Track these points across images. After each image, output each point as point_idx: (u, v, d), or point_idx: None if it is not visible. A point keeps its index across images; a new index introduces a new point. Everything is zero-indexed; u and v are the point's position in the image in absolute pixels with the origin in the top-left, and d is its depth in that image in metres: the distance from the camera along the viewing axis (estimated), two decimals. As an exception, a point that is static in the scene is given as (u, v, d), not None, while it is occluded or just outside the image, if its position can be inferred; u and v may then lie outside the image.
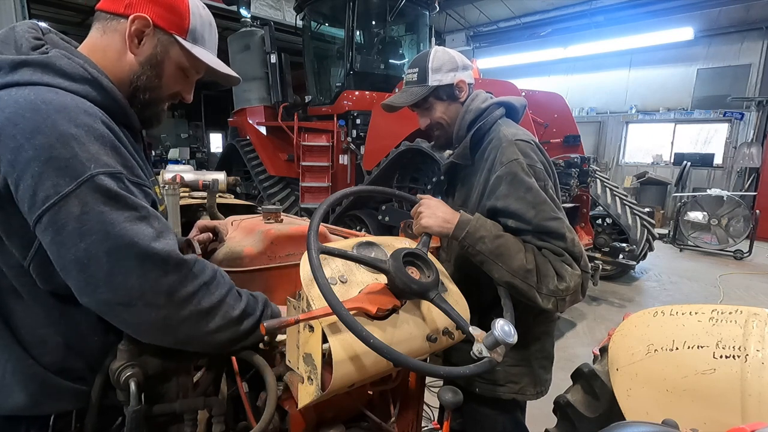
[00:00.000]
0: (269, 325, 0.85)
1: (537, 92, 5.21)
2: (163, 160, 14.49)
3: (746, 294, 5.58)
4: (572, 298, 1.19)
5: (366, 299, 0.95)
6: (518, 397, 1.42)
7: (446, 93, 1.38)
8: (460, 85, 1.38)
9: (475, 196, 1.34)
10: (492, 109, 1.38)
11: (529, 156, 1.25)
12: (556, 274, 1.16)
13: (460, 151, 1.39)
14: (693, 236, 7.92)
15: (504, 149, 1.25)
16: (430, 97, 1.38)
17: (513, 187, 1.20)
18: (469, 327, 0.98)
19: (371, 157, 4.98)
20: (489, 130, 1.36)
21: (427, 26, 6.09)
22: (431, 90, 1.36)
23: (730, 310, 1.14)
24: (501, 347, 0.93)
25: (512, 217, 1.21)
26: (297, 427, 1.09)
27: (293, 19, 6.56)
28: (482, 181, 1.31)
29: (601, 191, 5.64)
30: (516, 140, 1.26)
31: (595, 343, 3.84)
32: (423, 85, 1.37)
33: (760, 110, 9.38)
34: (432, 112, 1.41)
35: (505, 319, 0.98)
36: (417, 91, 1.38)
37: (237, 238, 1.35)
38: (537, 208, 1.18)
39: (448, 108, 1.40)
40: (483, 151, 1.35)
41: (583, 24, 10.28)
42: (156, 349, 0.90)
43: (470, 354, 0.96)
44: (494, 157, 1.27)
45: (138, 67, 0.95)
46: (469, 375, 0.91)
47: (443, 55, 1.37)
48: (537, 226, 1.18)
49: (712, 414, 1.03)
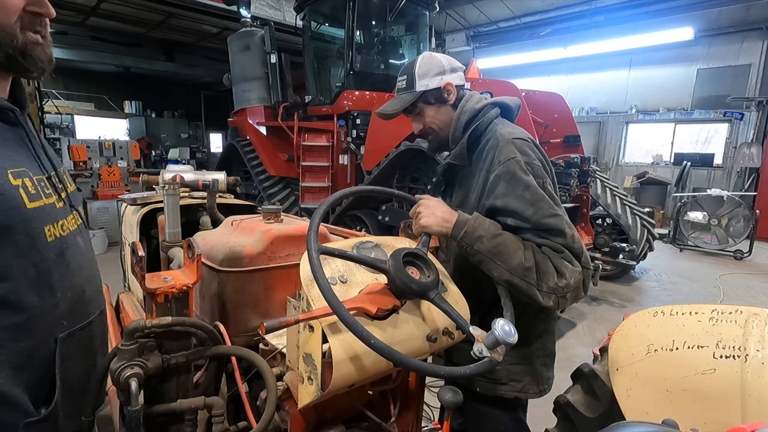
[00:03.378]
0: (269, 325, 0.85)
1: (537, 92, 5.21)
2: (163, 160, 14.49)
3: (746, 294, 5.58)
4: (573, 295, 1.19)
5: (366, 299, 0.95)
6: (520, 396, 1.42)
7: (434, 97, 1.40)
8: (448, 88, 1.39)
9: (474, 196, 1.34)
10: (487, 109, 1.39)
11: (527, 154, 1.25)
12: (556, 271, 1.16)
13: (457, 152, 1.40)
14: (693, 236, 7.91)
15: (501, 148, 1.26)
16: (419, 102, 1.41)
17: (511, 185, 1.21)
18: (470, 327, 0.98)
19: (371, 157, 4.98)
20: (485, 130, 1.36)
21: (427, 26, 6.09)
22: (419, 95, 1.39)
23: (730, 310, 1.13)
24: (501, 347, 0.93)
25: (511, 216, 1.21)
26: (297, 427, 1.09)
27: (293, 19, 6.55)
28: (481, 182, 1.31)
29: (601, 191, 5.64)
30: (513, 138, 1.27)
31: (595, 343, 3.84)
32: (411, 91, 1.40)
33: (760, 110, 9.38)
34: (423, 116, 1.44)
35: (505, 318, 0.98)
36: (406, 97, 1.41)
37: (237, 238, 1.35)
38: (536, 205, 1.18)
39: (437, 111, 1.42)
40: (480, 151, 1.35)
41: (583, 24, 10.27)
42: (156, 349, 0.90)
43: (470, 354, 0.96)
44: (492, 157, 1.28)
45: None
46: (470, 375, 0.91)
47: (429, 60, 1.40)
48: (536, 224, 1.18)
49: (712, 414, 1.03)
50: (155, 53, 13.52)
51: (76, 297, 0.93)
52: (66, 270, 0.91)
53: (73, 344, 0.92)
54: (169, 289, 0.97)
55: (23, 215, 0.82)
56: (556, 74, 12.10)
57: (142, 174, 2.24)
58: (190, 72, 14.53)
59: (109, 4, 9.57)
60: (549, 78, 12.17)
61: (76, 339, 0.93)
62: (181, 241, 1.56)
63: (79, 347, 0.95)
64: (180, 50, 13.66)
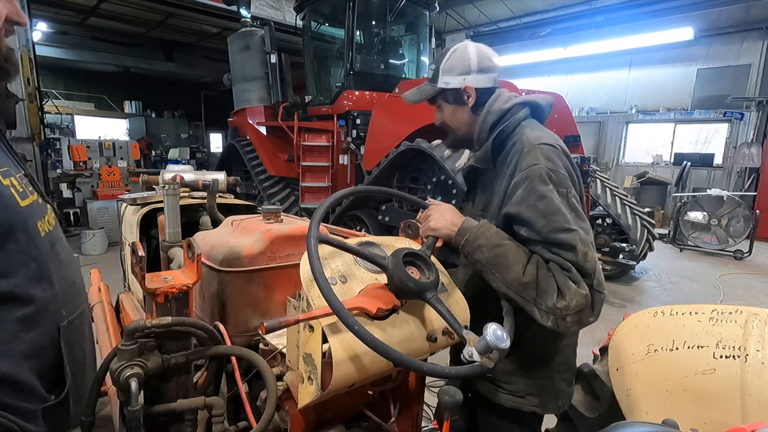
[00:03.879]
0: (269, 325, 0.85)
1: (537, 92, 5.20)
2: (163, 160, 14.49)
3: (746, 294, 5.58)
4: (576, 318, 1.08)
5: (366, 299, 0.95)
6: (537, 411, 1.34)
7: (453, 97, 1.35)
8: (467, 91, 1.32)
9: (496, 202, 1.27)
10: (516, 110, 1.30)
11: (552, 161, 1.16)
12: (558, 290, 1.07)
13: (481, 155, 1.32)
14: (693, 236, 7.91)
15: (526, 153, 1.18)
16: (438, 98, 1.37)
17: (527, 193, 1.13)
18: (463, 330, 0.96)
19: (371, 157, 4.98)
20: (512, 132, 1.28)
21: (427, 26, 6.10)
22: (438, 92, 1.35)
23: (730, 310, 1.14)
24: (495, 353, 0.90)
25: (524, 225, 1.15)
26: (297, 427, 1.09)
27: (293, 19, 6.56)
28: (503, 187, 1.23)
29: (601, 191, 5.64)
30: (540, 144, 1.18)
31: (595, 343, 3.82)
32: (433, 84, 1.35)
33: (760, 110, 9.38)
34: (442, 112, 1.40)
35: (498, 324, 0.94)
36: (427, 89, 1.37)
37: (237, 238, 1.35)
38: (548, 217, 1.10)
39: (455, 111, 1.37)
40: (506, 155, 1.27)
41: (583, 24, 10.27)
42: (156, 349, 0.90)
43: (461, 357, 0.93)
44: (516, 161, 1.20)
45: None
46: (456, 376, 0.89)
47: (460, 55, 1.32)
48: (545, 237, 1.10)
49: (712, 414, 1.03)
50: (155, 53, 13.54)
51: (68, 288, 0.98)
52: (59, 262, 0.96)
53: (72, 332, 0.97)
54: (169, 289, 0.97)
55: (19, 213, 0.85)
56: (556, 74, 12.10)
57: (142, 174, 2.24)
58: (190, 72, 14.54)
59: (109, 4, 9.58)
60: (549, 78, 12.17)
61: (74, 327, 0.98)
62: (181, 241, 1.56)
63: (77, 335, 1.00)
64: (180, 50, 13.67)
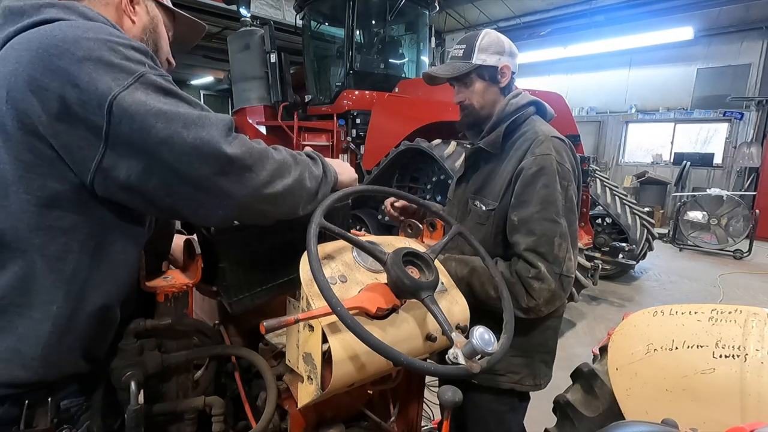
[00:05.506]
0: (269, 325, 0.85)
1: (537, 92, 5.20)
2: (162, 160, 14.46)
3: (746, 294, 5.58)
4: (549, 306, 1.26)
5: (366, 299, 0.94)
6: (516, 387, 1.44)
7: (488, 74, 1.41)
8: (504, 71, 1.41)
9: (500, 183, 1.38)
10: (528, 104, 1.45)
11: (561, 155, 1.30)
12: (526, 292, 1.23)
13: (492, 139, 1.41)
14: (693, 236, 7.92)
15: (540, 142, 1.31)
16: (472, 73, 1.41)
17: (534, 178, 1.27)
18: (452, 332, 0.93)
19: (371, 156, 4.97)
20: (523, 122, 1.42)
21: (427, 26, 6.08)
22: (474, 68, 1.39)
23: (730, 310, 1.14)
24: (485, 359, 0.87)
25: (520, 206, 1.28)
26: (297, 427, 1.09)
27: (293, 19, 6.55)
28: (510, 169, 1.35)
29: (601, 191, 5.63)
30: (552, 137, 1.33)
31: (594, 342, 3.83)
32: (467, 61, 1.40)
33: (759, 110, 9.39)
34: (470, 90, 1.44)
35: (486, 327, 0.89)
36: (460, 66, 1.41)
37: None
38: (542, 204, 1.23)
39: (486, 89, 1.43)
40: (514, 141, 1.39)
41: (583, 24, 10.27)
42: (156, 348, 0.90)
43: (446, 357, 0.91)
44: (527, 148, 1.33)
45: (140, 34, 0.92)
46: (434, 374, 0.86)
47: (494, 37, 1.41)
48: (532, 224, 1.24)
49: (712, 413, 1.03)
50: (155, 53, 13.50)
51: None
52: None
53: None
54: (169, 289, 0.97)
55: None
56: (556, 74, 12.10)
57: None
58: (190, 72, 14.51)
59: (108, 3, 9.56)
60: (549, 77, 12.17)
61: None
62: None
63: None
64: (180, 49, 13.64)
